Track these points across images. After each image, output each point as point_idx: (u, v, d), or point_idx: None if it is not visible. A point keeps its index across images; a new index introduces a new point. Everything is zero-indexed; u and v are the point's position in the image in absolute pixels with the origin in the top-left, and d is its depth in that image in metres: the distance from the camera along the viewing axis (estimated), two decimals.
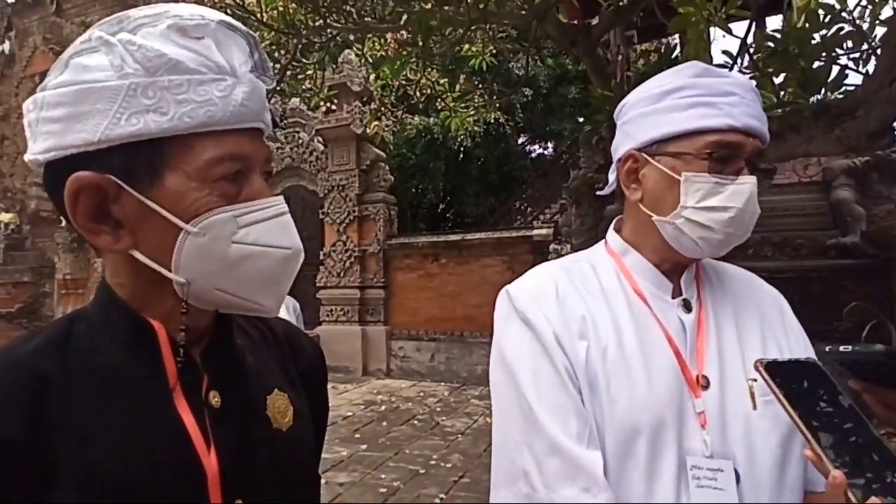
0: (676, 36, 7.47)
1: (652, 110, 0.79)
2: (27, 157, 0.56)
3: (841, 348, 0.62)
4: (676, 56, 3.20)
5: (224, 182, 0.55)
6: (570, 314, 0.77)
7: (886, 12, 2.35)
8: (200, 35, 0.54)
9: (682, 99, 0.77)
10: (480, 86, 5.83)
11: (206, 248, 0.54)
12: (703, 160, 0.75)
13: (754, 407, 0.68)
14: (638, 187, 0.82)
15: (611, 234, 0.89)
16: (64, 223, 10.52)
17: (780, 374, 0.61)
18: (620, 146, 0.85)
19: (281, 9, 4.01)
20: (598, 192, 0.88)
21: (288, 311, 3.01)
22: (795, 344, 0.81)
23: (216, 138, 0.54)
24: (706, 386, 0.74)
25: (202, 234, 0.54)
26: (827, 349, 0.62)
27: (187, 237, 0.54)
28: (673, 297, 0.81)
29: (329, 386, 0.83)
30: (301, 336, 0.80)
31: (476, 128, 8.70)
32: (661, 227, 0.79)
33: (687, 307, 0.80)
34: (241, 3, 4.04)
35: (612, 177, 0.89)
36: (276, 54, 4.71)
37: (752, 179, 0.75)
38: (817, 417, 0.57)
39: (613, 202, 3.72)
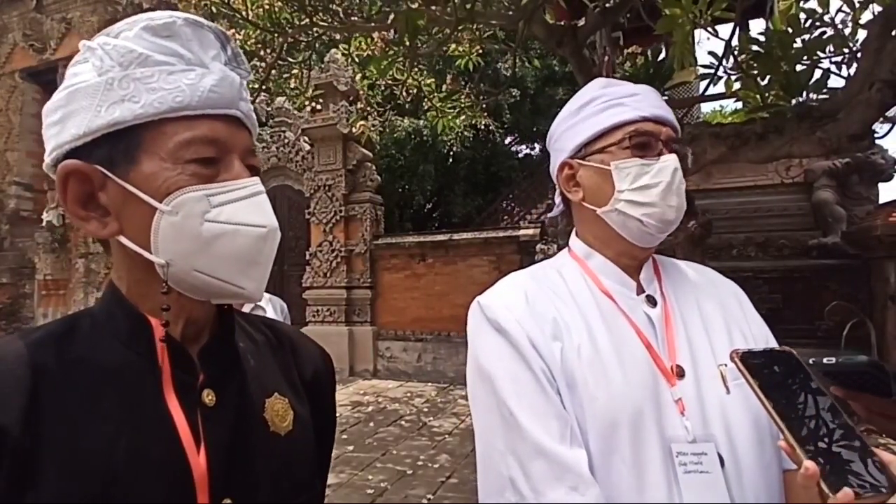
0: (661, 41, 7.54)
1: (573, 122, 0.89)
2: (44, 166, 0.62)
3: (825, 360, 0.62)
4: (663, 59, 3.23)
5: (197, 164, 0.58)
6: (542, 317, 0.79)
7: (866, 17, 2.39)
8: (169, 33, 0.59)
9: (597, 105, 0.86)
10: (467, 86, 5.83)
11: (179, 227, 0.56)
12: (626, 148, 0.83)
13: (727, 391, 0.71)
14: (578, 189, 0.89)
15: (573, 239, 0.94)
16: (45, 223, 10.36)
17: (756, 363, 0.61)
18: (555, 164, 0.94)
19: (267, 7, 3.97)
20: (550, 215, 0.93)
21: (275, 311, 2.98)
22: (757, 330, 0.85)
23: (188, 123, 0.58)
24: (682, 375, 0.77)
25: (175, 213, 0.56)
26: (811, 361, 0.62)
27: (162, 216, 0.56)
28: (637, 294, 0.85)
29: None
30: (309, 343, 0.80)
31: (466, 133, 8.74)
32: (607, 217, 0.85)
33: (651, 302, 0.84)
34: (226, 1, 3.99)
35: (557, 199, 0.97)
36: (262, 53, 4.66)
37: (673, 156, 0.83)
38: (791, 407, 0.57)
39: None
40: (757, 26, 8.76)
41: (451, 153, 10.59)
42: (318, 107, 7.66)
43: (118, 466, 0.53)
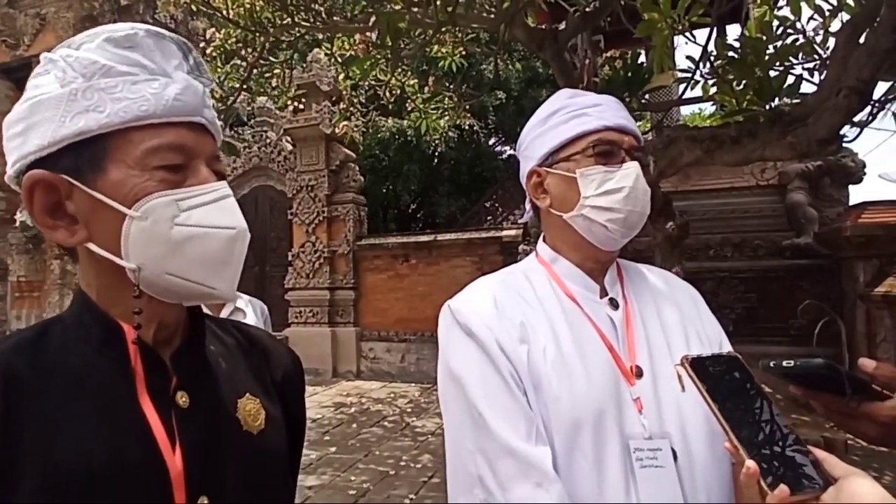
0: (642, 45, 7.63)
1: (541, 132, 0.94)
2: (6, 178, 0.62)
3: (784, 363, 0.66)
4: (642, 62, 3.29)
5: (164, 171, 0.59)
6: (510, 321, 0.82)
7: (836, 25, 2.47)
8: (131, 44, 0.60)
9: (563, 116, 0.91)
10: (450, 88, 5.85)
11: (149, 232, 0.57)
12: (590, 156, 0.88)
13: (682, 389, 0.74)
14: (546, 195, 0.93)
15: (540, 244, 0.97)
16: (18, 223, 10.10)
17: (703, 369, 0.65)
18: (524, 172, 0.97)
19: (248, 6, 3.95)
20: (520, 221, 0.96)
21: (255, 313, 2.95)
22: (711, 331, 0.90)
23: (154, 131, 0.59)
24: (640, 374, 0.81)
25: (144, 218, 0.57)
26: (771, 364, 0.66)
27: (132, 222, 0.57)
28: (601, 298, 0.89)
29: None
30: (279, 346, 0.81)
31: (451, 133, 8.76)
32: (573, 222, 0.89)
33: (614, 305, 0.88)
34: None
35: (527, 205, 1.00)
36: (244, 52, 4.63)
37: (635, 164, 0.87)
38: (735, 410, 0.61)
39: None
40: (733, 32, 8.92)
41: (436, 154, 10.60)
42: (301, 107, 7.61)
43: (96, 468, 0.54)
